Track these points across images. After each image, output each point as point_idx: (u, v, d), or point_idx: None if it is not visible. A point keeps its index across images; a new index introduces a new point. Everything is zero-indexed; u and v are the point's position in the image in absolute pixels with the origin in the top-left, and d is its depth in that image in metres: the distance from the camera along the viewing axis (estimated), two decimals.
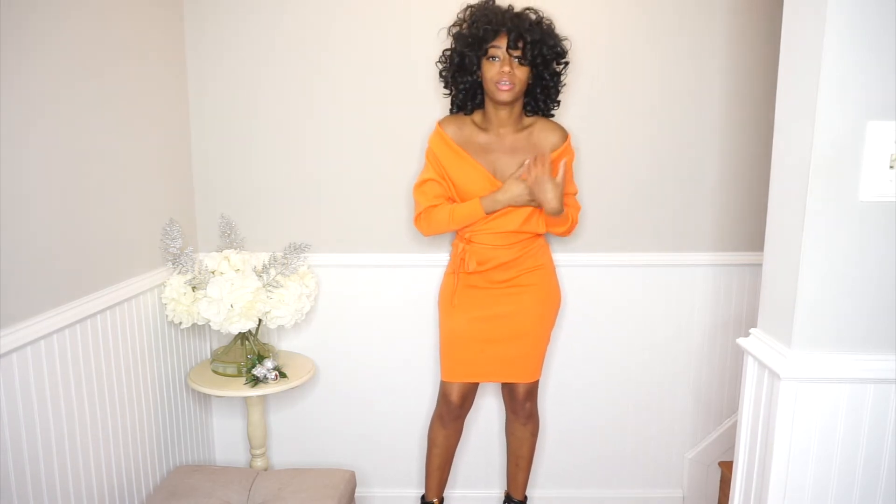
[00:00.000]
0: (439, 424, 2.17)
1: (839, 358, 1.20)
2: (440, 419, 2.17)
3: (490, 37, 1.85)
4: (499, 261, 1.99)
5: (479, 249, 1.99)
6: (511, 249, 1.99)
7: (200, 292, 2.00)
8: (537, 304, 2.04)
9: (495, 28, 1.85)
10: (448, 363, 2.08)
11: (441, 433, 2.18)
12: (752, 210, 2.26)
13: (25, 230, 1.46)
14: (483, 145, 1.98)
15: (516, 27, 1.84)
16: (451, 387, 2.10)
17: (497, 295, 2.02)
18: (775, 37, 1.57)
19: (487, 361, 2.05)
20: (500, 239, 1.98)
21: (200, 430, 2.35)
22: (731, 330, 2.35)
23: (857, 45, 1.10)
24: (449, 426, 2.17)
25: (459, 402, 2.12)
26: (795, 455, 1.24)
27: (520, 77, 1.88)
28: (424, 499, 2.26)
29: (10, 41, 1.40)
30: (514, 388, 2.14)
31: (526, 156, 1.95)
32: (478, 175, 1.95)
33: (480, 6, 1.93)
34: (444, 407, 2.14)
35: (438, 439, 2.19)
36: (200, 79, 2.21)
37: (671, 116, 2.23)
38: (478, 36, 1.86)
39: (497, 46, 1.85)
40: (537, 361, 2.10)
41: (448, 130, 1.99)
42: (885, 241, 1.16)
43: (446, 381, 2.11)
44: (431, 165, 2.00)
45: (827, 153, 1.14)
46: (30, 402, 1.47)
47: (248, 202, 2.29)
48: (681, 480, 2.48)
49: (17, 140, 1.42)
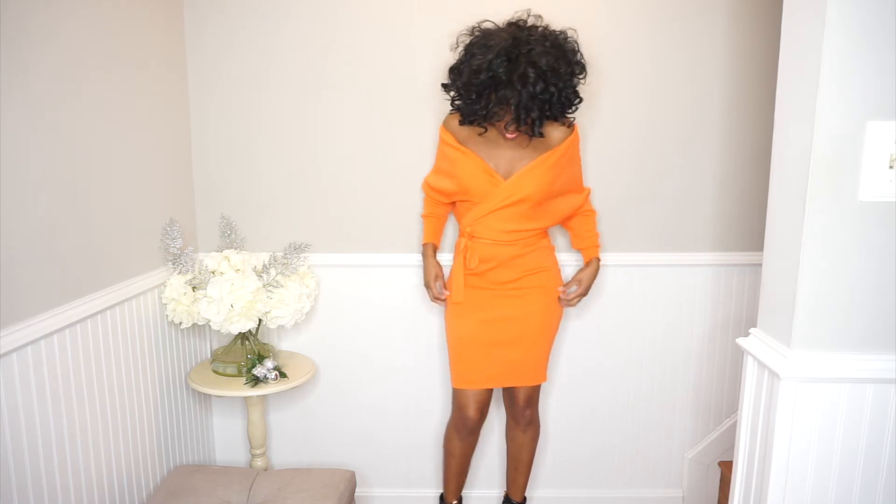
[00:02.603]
0: (456, 437, 2.14)
1: (839, 358, 1.20)
2: (457, 432, 2.13)
3: (497, 118, 1.83)
4: (501, 259, 1.97)
5: (480, 246, 1.98)
6: (514, 247, 1.97)
7: (200, 292, 2.00)
8: (542, 308, 2.03)
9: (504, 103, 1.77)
10: (459, 369, 2.06)
11: (458, 445, 2.15)
12: (752, 210, 2.26)
13: (26, 230, 1.46)
14: (489, 138, 1.95)
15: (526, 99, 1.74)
16: (467, 399, 2.06)
17: (501, 297, 2.01)
18: (775, 35, 1.57)
19: (495, 365, 2.03)
20: (503, 235, 1.96)
21: (200, 430, 2.35)
22: (731, 330, 2.35)
23: (857, 44, 1.10)
24: (466, 438, 2.14)
25: (477, 416, 2.09)
26: (795, 455, 1.24)
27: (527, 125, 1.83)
28: (444, 498, 2.27)
29: (11, 42, 1.40)
30: (515, 395, 2.12)
31: (535, 148, 1.92)
32: (477, 169, 1.94)
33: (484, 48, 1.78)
34: (461, 421, 2.10)
35: (456, 451, 2.17)
36: (201, 79, 2.21)
37: (671, 117, 2.22)
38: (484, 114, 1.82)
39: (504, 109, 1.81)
40: (542, 364, 2.09)
41: (450, 128, 1.99)
42: (884, 241, 1.16)
43: (460, 392, 2.08)
44: (440, 155, 2.05)
45: (827, 153, 1.14)
46: (30, 402, 1.47)
47: (248, 202, 2.29)
48: (681, 480, 2.48)
49: (17, 140, 1.42)
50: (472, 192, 1.95)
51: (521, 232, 1.97)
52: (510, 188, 1.92)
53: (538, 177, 1.92)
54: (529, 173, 1.92)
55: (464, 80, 1.83)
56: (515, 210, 1.94)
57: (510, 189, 1.92)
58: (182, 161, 2.21)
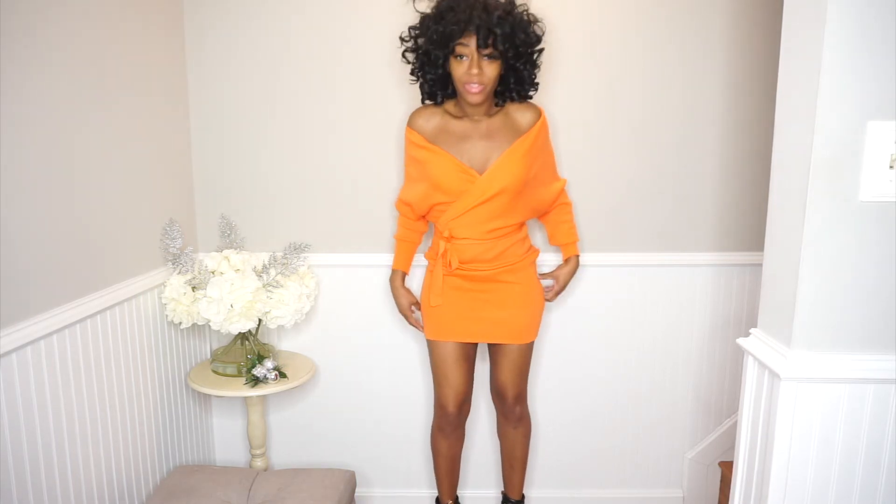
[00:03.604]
0: (441, 436, 2.14)
1: (839, 358, 1.20)
2: (441, 431, 2.13)
3: (457, 35, 1.73)
4: (483, 257, 1.93)
5: (460, 247, 1.93)
6: (496, 244, 1.93)
7: (200, 292, 1.99)
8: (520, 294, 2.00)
9: (462, 27, 1.72)
10: (431, 323, 2.02)
11: (444, 443, 2.15)
12: (752, 210, 2.26)
13: (25, 230, 1.46)
14: (458, 133, 1.90)
15: (485, 23, 1.72)
16: (446, 394, 2.05)
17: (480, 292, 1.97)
18: (776, 34, 1.57)
19: (475, 320, 1.99)
20: (483, 233, 1.91)
21: (200, 430, 2.35)
22: (731, 330, 2.35)
23: (857, 45, 1.10)
24: (450, 436, 2.14)
25: (456, 410, 2.08)
26: (795, 455, 1.24)
27: (490, 75, 1.78)
28: (439, 501, 2.26)
29: (12, 42, 1.40)
30: (504, 393, 2.09)
31: (505, 138, 1.88)
32: (450, 166, 1.87)
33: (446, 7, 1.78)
34: (443, 418, 2.10)
35: (442, 449, 2.16)
36: (200, 79, 2.21)
37: (671, 117, 2.22)
38: (444, 34, 1.75)
39: (465, 44, 1.74)
40: (527, 325, 2.03)
41: (416, 126, 1.92)
42: (885, 241, 1.16)
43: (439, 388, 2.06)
44: (408, 164, 1.98)
45: (827, 153, 1.14)
46: (30, 402, 1.47)
47: (248, 202, 2.29)
48: (681, 480, 2.48)
49: (17, 140, 1.42)
50: (448, 191, 1.89)
51: (501, 229, 1.92)
52: (487, 181, 1.86)
53: (514, 165, 1.87)
54: (505, 162, 1.86)
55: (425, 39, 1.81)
56: (494, 204, 1.88)
57: (487, 182, 1.86)
58: (182, 161, 2.21)
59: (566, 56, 2.17)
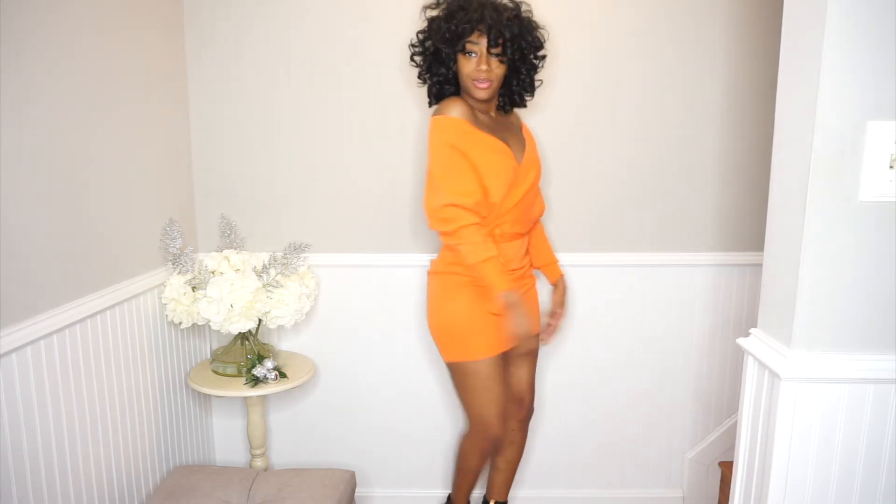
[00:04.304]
0: (479, 455, 2.04)
1: (839, 358, 1.20)
2: (482, 452, 2.02)
3: (468, 32, 1.75)
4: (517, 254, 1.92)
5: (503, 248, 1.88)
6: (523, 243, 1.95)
7: (200, 292, 1.99)
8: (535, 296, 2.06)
9: (473, 25, 1.74)
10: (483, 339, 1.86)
11: (482, 463, 2.09)
12: (752, 210, 2.26)
13: (25, 230, 1.46)
14: (487, 122, 1.87)
15: (496, 24, 1.74)
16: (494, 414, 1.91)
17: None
18: (776, 34, 1.57)
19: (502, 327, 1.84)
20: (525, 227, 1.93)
21: (200, 430, 2.35)
22: (731, 330, 2.35)
23: (858, 44, 1.10)
24: (489, 455, 2.09)
25: (503, 430, 1.97)
26: (795, 455, 1.24)
27: (498, 74, 1.80)
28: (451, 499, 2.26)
29: (13, 43, 1.40)
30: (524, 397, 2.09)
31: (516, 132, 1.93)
32: (503, 147, 1.81)
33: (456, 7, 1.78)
34: (487, 441, 1.96)
35: (478, 468, 2.10)
36: (200, 79, 2.21)
37: (671, 117, 2.22)
38: (455, 32, 1.76)
39: (474, 42, 1.76)
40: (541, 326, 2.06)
41: (461, 114, 1.78)
42: (885, 241, 1.16)
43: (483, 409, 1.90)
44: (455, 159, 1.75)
45: (827, 153, 1.14)
46: (30, 402, 1.47)
47: (248, 202, 2.29)
48: (681, 480, 2.48)
49: (17, 141, 1.42)
50: (504, 177, 1.79)
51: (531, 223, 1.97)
52: (526, 167, 1.86)
53: (536, 153, 1.94)
54: (533, 149, 1.92)
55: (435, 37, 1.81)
56: (531, 195, 1.90)
57: (526, 168, 1.86)
58: (182, 161, 2.21)
59: (566, 56, 2.17)
